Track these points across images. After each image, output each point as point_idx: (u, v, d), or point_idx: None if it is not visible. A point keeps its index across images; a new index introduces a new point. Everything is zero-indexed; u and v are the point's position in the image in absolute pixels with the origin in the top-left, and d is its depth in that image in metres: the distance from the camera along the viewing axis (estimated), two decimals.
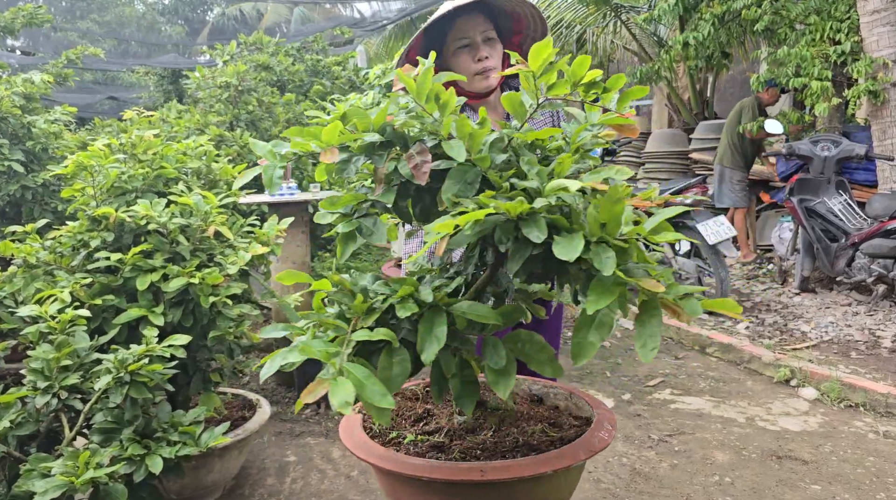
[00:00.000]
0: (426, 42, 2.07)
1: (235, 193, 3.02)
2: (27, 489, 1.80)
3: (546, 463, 1.26)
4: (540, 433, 1.44)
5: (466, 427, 1.46)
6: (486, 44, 2.06)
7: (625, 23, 9.40)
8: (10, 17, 6.65)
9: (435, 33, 2.07)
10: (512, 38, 2.17)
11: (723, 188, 6.84)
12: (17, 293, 2.55)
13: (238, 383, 4.14)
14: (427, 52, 2.10)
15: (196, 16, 27.88)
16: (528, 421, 1.50)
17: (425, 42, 2.07)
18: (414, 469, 1.28)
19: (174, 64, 11.01)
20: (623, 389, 4.06)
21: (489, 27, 2.07)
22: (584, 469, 1.50)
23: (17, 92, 4.18)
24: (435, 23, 2.01)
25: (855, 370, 4.08)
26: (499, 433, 1.44)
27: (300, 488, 2.98)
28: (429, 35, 2.06)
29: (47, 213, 4.07)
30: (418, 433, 1.46)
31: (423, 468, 1.28)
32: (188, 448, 2.06)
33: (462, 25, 2.04)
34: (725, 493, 2.83)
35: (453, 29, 2.05)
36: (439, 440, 1.41)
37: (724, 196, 6.85)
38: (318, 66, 7.54)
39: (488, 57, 2.05)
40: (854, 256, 5.14)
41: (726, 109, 10.60)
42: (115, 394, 2.02)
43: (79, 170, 2.72)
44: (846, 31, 5.86)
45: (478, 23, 2.05)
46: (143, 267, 2.46)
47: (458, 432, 1.45)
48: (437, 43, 2.08)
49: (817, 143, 5.57)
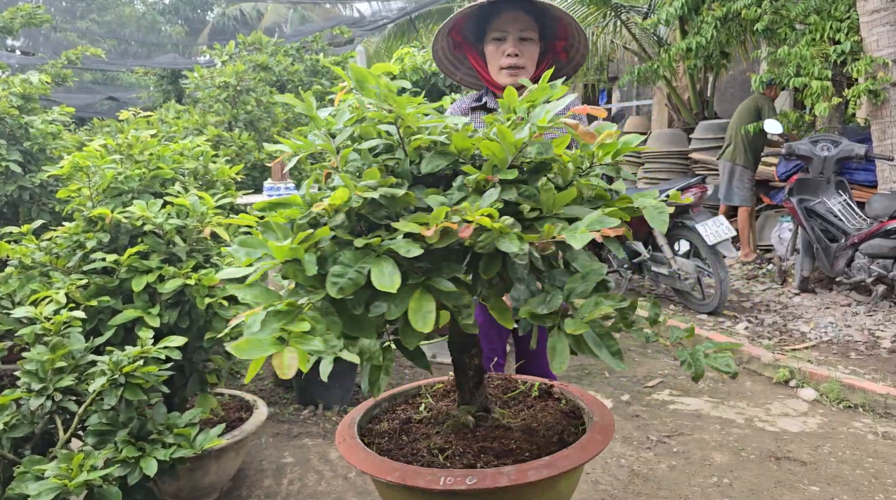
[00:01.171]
0: (471, 22, 2.16)
1: (232, 194, 3.01)
2: (21, 491, 1.79)
3: (536, 471, 1.25)
4: (537, 436, 1.43)
5: (458, 430, 1.45)
6: (520, 42, 2.12)
7: (625, 23, 9.39)
8: (8, 16, 6.64)
9: (482, 17, 2.14)
10: (556, 43, 2.18)
11: (733, 186, 6.85)
12: (12, 294, 2.54)
13: (235, 384, 4.13)
14: (471, 32, 2.19)
15: (196, 16, 27.89)
16: (525, 424, 1.49)
17: (471, 22, 2.16)
18: (418, 481, 1.25)
19: (173, 64, 11.01)
20: (622, 389, 4.05)
21: (530, 27, 2.12)
22: (582, 471, 1.49)
23: (14, 92, 4.17)
24: (480, 8, 2.08)
25: (854, 371, 4.07)
26: (491, 436, 1.43)
27: (297, 489, 2.97)
28: (474, 18, 2.15)
29: (45, 213, 4.05)
30: (414, 439, 1.45)
31: (424, 478, 1.26)
32: (183, 450, 2.05)
33: (503, 17, 2.11)
34: (724, 494, 2.82)
35: (495, 19, 2.12)
36: (438, 445, 1.39)
37: (734, 194, 6.85)
38: (318, 65, 7.53)
39: (517, 55, 2.11)
40: (854, 256, 5.13)
41: (726, 108, 10.60)
42: (109, 396, 2.01)
43: (75, 170, 2.71)
44: (846, 30, 5.86)
45: (518, 19, 2.10)
46: (139, 268, 2.45)
47: (452, 436, 1.44)
48: (483, 25, 2.16)
49: (817, 143, 5.56)
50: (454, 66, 2.35)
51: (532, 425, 1.48)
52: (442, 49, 2.29)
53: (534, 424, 1.48)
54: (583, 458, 1.28)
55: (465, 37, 2.24)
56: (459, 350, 1.45)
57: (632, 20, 9.44)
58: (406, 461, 1.34)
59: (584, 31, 2.19)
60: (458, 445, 1.39)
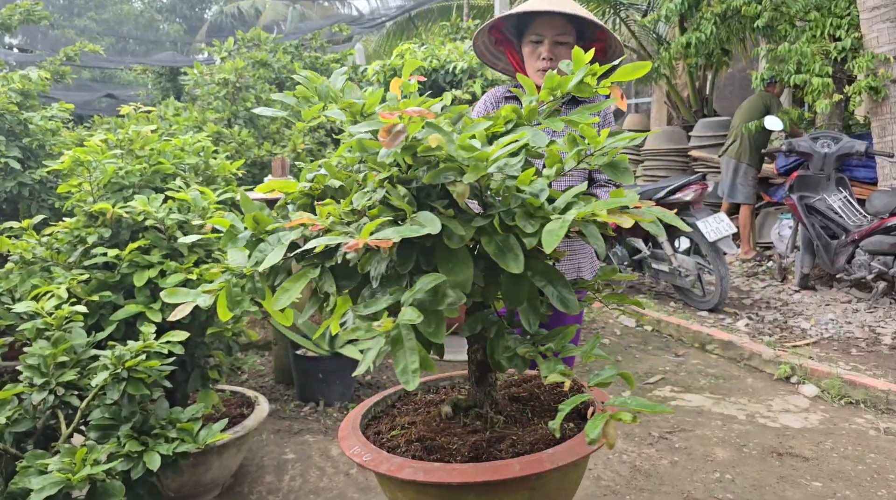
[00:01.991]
0: (511, 23, 2.25)
1: (233, 189, 3.00)
2: (24, 485, 1.79)
3: (539, 463, 1.25)
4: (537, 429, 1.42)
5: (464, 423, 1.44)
6: (555, 45, 2.18)
7: (624, 20, 9.39)
8: (6, 13, 6.62)
9: (522, 17, 2.20)
10: (595, 45, 2.22)
11: (736, 183, 6.84)
12: (13, 290, 2.53)
13: (236, 380, 4.12)
14: (513, 30, 2.29)
15: (194, 14, 27.86)
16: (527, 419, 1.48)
17: (510, 22, 2.25)
18: (432, 475, 1.25)
19: (172, 62, 10.99)
20: (623, 385, 4.05)
21: (567, 31, 2.18)
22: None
23: (14, 88, 4.16)
24: (525, 11, 2.14)
25: (855, 367, 4.07)
26: (495, 432, 1.42)
27: (299, 485, 2.96)
28: (513, 19, 2.23)
29: (44, 209, 4.05)
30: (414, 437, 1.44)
31: (431, 471, 1.25)
32: (186, 445, 2.05)
33: (540, 21, 2.17)
34: (726, 490, 2.82)
35: (533, 22, 2.19)
36: (438, 442, 1.39)
37: (738, 191, 6.85)
38: (317, 63, 7.52)
39: (551, 58, 2.17)
40: (854, 253, 5.13)
41: (726, 106, 10.59)
42: (112, 390, 2.00)
43: (75, 165, 2.70)
44: (846, 27, 5.85)
45: (554, 24, 2.16)
46: (141, 263, 2.44)
47: (453, 429, 1.43)
48: (523, 25, 2.23)
49: (817, 139, 5.56)
50: (496, 58, 2.45)
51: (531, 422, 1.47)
52: (483, 44, 2.39)
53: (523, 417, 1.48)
54: (566, 459, 1.27)
55: (506, 34, 2.33)
56: (469, 344, 1.46)
57: (630, 17, 9.43)
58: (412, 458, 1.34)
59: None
60: (452, 438, 1.38)
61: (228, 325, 2.56)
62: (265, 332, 4.67)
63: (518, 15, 2.19)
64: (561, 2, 2.11)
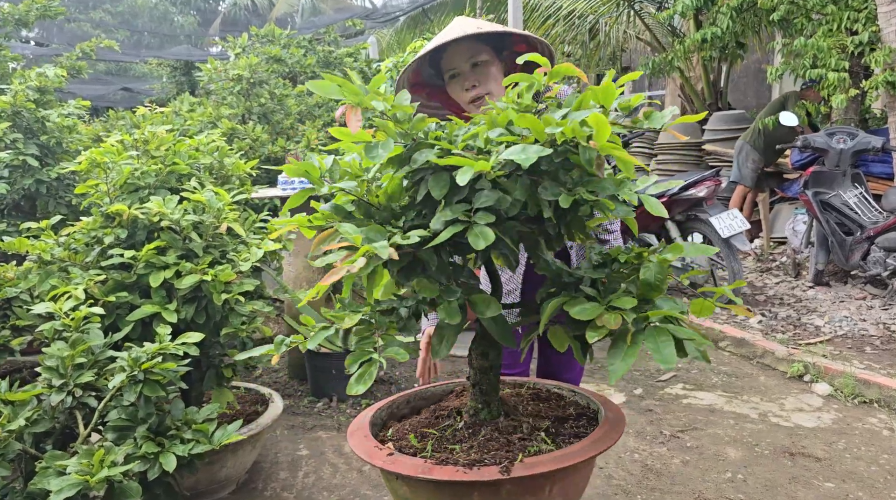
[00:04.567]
0: (426, 69, 2.11)
1: (248, 189, 3.03)
2: (43, 486, 1.82)
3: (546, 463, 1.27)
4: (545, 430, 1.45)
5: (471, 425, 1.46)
6: (473, 70, 2.03)
7: (638, 13, 9.32)
8: (24, 9, 6.66)
9: (433, 59, 2.07)
10: (515, 49, 2.12)
11: (738, 162, 7.17)
12: (32, 289, 2.57)
13: (251, 377, 4.17)
14: (429, 76, 2.13)
15: (208, 6, 27.90)
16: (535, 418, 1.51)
17: (425, 69, 2.11)
18: (443, 474, 1.28)
19: (187, 55, 11.03)
20: (635, 383, 4.05)
21: (478, 51, 2.03)
22: (594, 465, 1.51)
23: (31, 86, 4.20)
24: (427, 55, 2.00)
25: (869, 366, 4.05)
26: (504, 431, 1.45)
27: (312, 482, 3.00)
28: (426, 64, 2.09)
29: (61, 206, 4.09)
30: (432, 435, 1.47)
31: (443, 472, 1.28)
32: (202, 446, 2.08)
33: (449, 55, 2.04)
34: (738, 490, 2.83)
35: (443, 59, 2.06)
36: (450, 445, 1.41)
37: (738, 171, 7.17)
38: (330, 57, 7.51)
39: (475, 85, 2.03)
40: (869, 249, 5.09)
41: (740, 99, 10.51)
42: (129, 392, 2.03)
43: (92, 166, 2.74)
44: (864, 21, 5.77)
45: (462, 51, 2.02)
46: (157, 264, 2.47)
47: (464, 430, 1.45)
48: (439, 65, 2.09)
49: (833, 135, 5.51)
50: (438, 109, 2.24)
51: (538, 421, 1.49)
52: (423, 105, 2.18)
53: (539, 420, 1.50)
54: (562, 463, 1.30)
55: (431, 82, 2.17)
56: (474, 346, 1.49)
57: (644, 10, 9.36)
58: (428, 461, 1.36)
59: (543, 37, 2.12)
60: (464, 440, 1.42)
61: (243, 324, 2.59)
62: (279, 327, 4.70)
63: (428, 58, 2.05)
64: (460, 27, 1.98)
